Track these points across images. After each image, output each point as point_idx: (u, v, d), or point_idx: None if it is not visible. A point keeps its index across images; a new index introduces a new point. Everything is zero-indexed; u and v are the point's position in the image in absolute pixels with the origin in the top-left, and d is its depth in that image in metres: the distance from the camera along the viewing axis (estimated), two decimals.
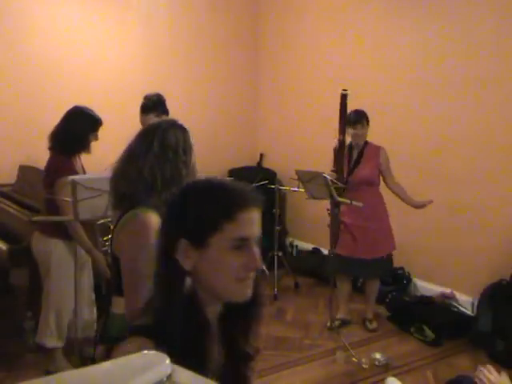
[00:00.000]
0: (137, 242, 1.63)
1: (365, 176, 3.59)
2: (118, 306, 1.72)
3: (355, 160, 3.64)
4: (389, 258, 3.85)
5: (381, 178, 3.70)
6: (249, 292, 1.14)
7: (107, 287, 1.80)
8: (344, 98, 3.35)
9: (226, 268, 1.11)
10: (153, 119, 3.14)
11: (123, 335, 1.70)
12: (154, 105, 3.40)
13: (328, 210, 3.53)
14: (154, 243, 1.63)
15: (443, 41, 4.05)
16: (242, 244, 1.11)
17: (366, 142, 3.66)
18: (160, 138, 1.68)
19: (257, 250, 1.13)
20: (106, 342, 1.74)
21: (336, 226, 3.54)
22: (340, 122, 3.40)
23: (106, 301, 1.83)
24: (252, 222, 1.12)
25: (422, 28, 4.19)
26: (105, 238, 2.96)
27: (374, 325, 3.83)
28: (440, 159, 4.14)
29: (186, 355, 1.01)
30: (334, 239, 3.57)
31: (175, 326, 1.07)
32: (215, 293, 1.14)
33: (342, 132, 3.41)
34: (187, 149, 1.71)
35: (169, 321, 1.09)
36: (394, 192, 3.66)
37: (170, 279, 1.13)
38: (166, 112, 3.42)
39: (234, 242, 1.10)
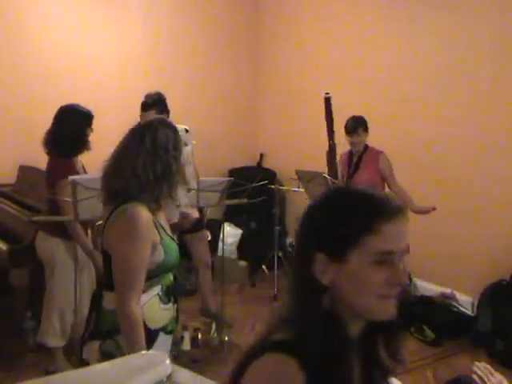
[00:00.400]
0: (127, 236, 1.65)
1: (363, 181, 3.51)
2: (109, 301, 1.74)
3: (354, 165, 3.60)
4: None
5: (385, 184, 3.63)
6: (393, 310, 1.04)
7: (98, 283, 1.82)
8: (327, 101, 3.31)
9: (368, 284, 1.02)
10: (153, 117, 3.16)
11: (115, 329, 1.71)
12: (154, 103, 3.40)
13: None
14: (144, 237, 1.64)
15: (443, 41, 4.05)
16: (385, 258, 1.02)
17: (366, 147, 3.60)
18: (151, 135, 1.72)
19: (401, 264, 1.04)
20: (98, 337, 1.75)
21: None
22: (327, 127, 3.36)
23: (97, 296, 1.82)
24: (398, 234, 1.04)
25: (421, 28, 4.19)
26: None
27: None
28: (440, 161, 4.13)
29: (330, 373, 0.98)
30: None
31: (317, 343, 1.00)
32: (356, 310, 1.05)
33: (331, 137, 3.37)
34: (177, 146, 1.76)
35: (310, 337, 1.01)
36: (397, 196, 3.62)
37: (307, 294, 1.06)
38: (166, 110, 3.42)
39: (376, 257, 1.01)
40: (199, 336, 3.47)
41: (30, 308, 3.44)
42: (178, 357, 3.36)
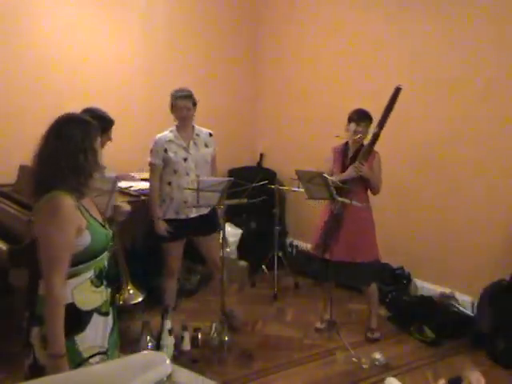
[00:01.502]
0: (49, 221, 1.77)
1: (356, 177, 3.47)
2: (43, 288, 1.83)
3: (350, 159, 3.56)
4: (379, 264, 3.69)
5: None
6: None
7: (32, 272, 1.97)
8: (397, 91, 3.24)
9: None
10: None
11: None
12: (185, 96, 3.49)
13: (332, 210, 3.48)
14: (66, 221, 1.76)
15: (444, 41, 4.06)
16: None
17: (363, 144, 3.57)
18: (60, 131, 1.87)
19: None
20: (36, 323, 1.85)
21: (335, 230, 3.48)
22: (383, 115, 3.27)
23: (33, 285, 1.93)
24: None
25: (421, 28, 4.19)
26: None
27: (376, 335, 3.72)
28: (440, 160, 4.14)
29: None
30: (324, 242, 3.52)
31: None
32: None
33: (380, 126, 3.29)
34: (85, 138, 1.88)
35: None
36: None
37: None
38: (195, 104, 3.54)
39: None
40: (199, 336, 3.47)
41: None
42: (178, 357, 3.36)
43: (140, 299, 2.58)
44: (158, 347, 3.39)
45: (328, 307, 3.70)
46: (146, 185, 4.02)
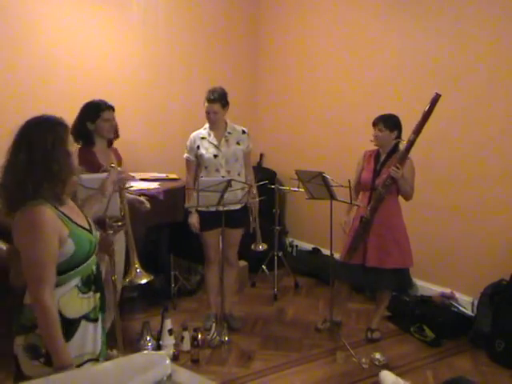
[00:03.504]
0: (30, 233, 1.71)
1: (382, 181, 3.43)
2: (28, 296, 1.81)
3: (382, 163, 3.52)
4: (405, 273, 3.63)
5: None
6: None
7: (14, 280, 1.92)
8: (436, 98, 3.20)
9: None
10: (217, 109, 3.53)
11: (35, 324, 1.75)
12: (219, 96, 3.53)
13: (362, 217, 3.44)
14: (47, 232, 1.71)
15: (443, 41, 4.06)
16: None
17: (396, 148, 3.51)
18: (26, 142, 1.77)
19: None
20: (22, 332, 1.82)
21: (363, 236, 3.46)
22: (420, 122, 3.23)
23: (18, 294, 1.90)
24: None
25: (420, 28, 4.20)
26: None
27: (376, 335, 3.71)
28: (439, 161, 4.14)
29: None
30: (353, 248, 3.50)
31: None
32: None
33: (416, 133, 3.26)
34: (55, 143, 1.77)
35: None
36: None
37: None
38: (227, 104, 3.61)
39: None
40: (199, 336, 3.47)
41: None
42: (177, 357, 3.36)
43: (147, 280, 2.54)
44: (158, 347, 3.40)
45: (336, 308, 3.75)
46: (145, 185, 4.02)
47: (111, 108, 3.26)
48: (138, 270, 2.55)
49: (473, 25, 3.85)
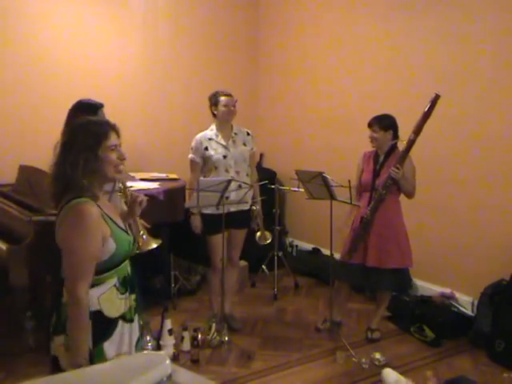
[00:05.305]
0: (76, 230, 1.75)
1: (382, 181, 3.44)
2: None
3: (381, 164, 3.53)
4: (405, 273, 3.63)
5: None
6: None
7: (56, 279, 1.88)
8: (436, 99, 3.19)
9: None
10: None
11: None
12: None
13: (363, 217, 3.44)
14: (93, 230, 1.75)
15: (442, 41, 4.06)
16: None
17: (394, 148, 3.52)
18: (71, 136, 1.85)
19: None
20: (61, 332, 1.81)
21: (363, 236, 3.46)
22: (419, 122, 3.24)
23: (57, 293, 1.88)
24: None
25: (420, 28, 4.20)
26: None
27: (376, 335, 3.70)
28: (439, 161, 4.14)
29: None
30: (353, 248, 3.49)
31: None
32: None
33: (416, 133, 3.26)
34: (98, 141, 1.83)
35: None
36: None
37: None
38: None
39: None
40: (199, 336, 3.47)
41: (30, 308, 3.44)
42: (177, 357, 3.36)
43: (156, 244, 2.44)
44: (158, 347, 3.39)
45: (336, 308, 3.74)
46: (145, 185, 4.02)
47: (102, 106, 3.24)
48: (144, 236, 2.42)
49: (473, 25, 3.85)
